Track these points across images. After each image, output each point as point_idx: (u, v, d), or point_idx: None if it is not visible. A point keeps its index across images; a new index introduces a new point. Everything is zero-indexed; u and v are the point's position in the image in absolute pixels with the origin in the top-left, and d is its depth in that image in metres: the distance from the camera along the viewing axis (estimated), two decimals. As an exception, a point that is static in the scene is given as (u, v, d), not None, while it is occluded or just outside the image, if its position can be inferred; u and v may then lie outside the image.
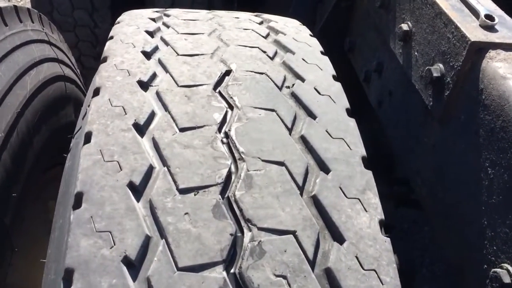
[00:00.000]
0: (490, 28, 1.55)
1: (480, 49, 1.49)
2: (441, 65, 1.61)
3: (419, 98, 1.69)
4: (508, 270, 1.29)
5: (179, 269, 0.74)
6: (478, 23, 1.54)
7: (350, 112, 1.01)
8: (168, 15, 1.33)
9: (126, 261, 0.74)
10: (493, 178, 1.39)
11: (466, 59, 1.49)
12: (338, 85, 1.07)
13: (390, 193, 2.27)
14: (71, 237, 0.76)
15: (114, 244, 0.75)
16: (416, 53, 1.80)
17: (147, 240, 0.77)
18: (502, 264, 1.32)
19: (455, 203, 1.55)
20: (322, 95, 1.01)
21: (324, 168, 0.88)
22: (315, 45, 1.22)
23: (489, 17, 1.55)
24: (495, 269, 1.31)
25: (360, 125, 0.96)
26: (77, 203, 0.80)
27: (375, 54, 2.19)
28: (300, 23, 1.39)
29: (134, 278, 0.73)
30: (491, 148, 1.41)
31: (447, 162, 1.61)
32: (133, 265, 0.74)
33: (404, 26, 1.84)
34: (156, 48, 1.12)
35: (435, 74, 1.60)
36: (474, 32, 1.49)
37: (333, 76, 1.10)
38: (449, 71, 1.56)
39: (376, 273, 0.78)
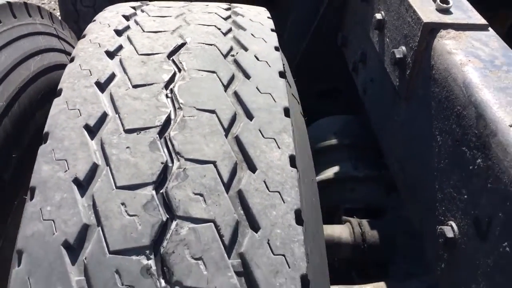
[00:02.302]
0: (445, 11, 1.69)
1: (433, 30, 1.63)
2: (403, 47, 1.75)
3: (390, 80, 1.84)
4: (451, 226, 1.41)
5: (117, 187, 0.93)
6: (435, 7, 1.68)
7: (284, 75, 1.18)
8: (147, 5, 1.54)
9: (76, 181, 0.94)
10: (441, 144, 1.53)
11: (421, 39, 1.63)
12: (277, 54, 1.24)
13: (378, 176, 2.38)
14: (36, 165, 0.97)
15: (68, 169, 0.95)
16: (387, 39, 1.95)
17: (95, 166, 0.96)
18: (448, 222, 1.45)
19: (417, 174, 1.68)
20: (260, 60, 1.19)
21: (249, 115, 1.06)
22: (268, 24, 1.39)
23: (444, 0, 1.69)
24: (441, 226, 1.44)
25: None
26: (44, 140, 1.01)
27: (360, 46, 2.34)
28: (265, 9, 1.57)
29: (82, 194, 0.93)
30: (439, 117, 1.54)
31: (412, 136, 1.75)
32: (82, 185, 0.94)
33: (378, 16, 2.00)
34: (127, 27, 1.32)
35: (397, 56, 1.75)
36: (428, 14, 1.64)
37: (275, 48, 1.27)
38: (409, 52, 1.70)
39: (280, 194, 0.94)
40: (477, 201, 1.30)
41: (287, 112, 1.08)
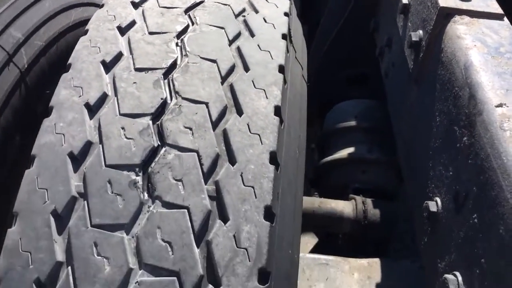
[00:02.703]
0: None
1: (448, 14, 1.68)
2: (420, 31, 1.81)
3: (407, 64, 1.89)
4: (436, 202, 1.48)
5: (120, 114, 1.08)
6: None
7: (286, 37, 1.29)
8: None
9: (87, 106, 1.10)
10: (438, 125, 1.59)
11: (436, 23, 1.68)
12: (284, 18, 1.34)
13: (391, 161, 2.43)
14: (56, 89, 1.13)
15: (82, 95, 1.11)
16: (409, 24, 2.00)
17: (105, 95, 1.11)
18: (435, 198, 1.52)
19: (417, 154, 1.75)
20: (267, 23, 1.30)
21: (246, 68, 1.18)
22: None
23: (465, -12, 1.73)
24: (427, 201, 1.51)
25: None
26: (66, 69, 1.17)
27: (388, 31, 2.39)
28: None
29: (90, 117, 1.09)
30: (440, 99, 1.60)
31: (417, 118, 1.81)
32: (91, 109, 1.09)
33: (404, 0, 2.05)
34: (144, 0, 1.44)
35: (414, 39, 1.80)
36: (446, 0, 1.69)
37: (285, 13, 1.38)
38: (425, 36, 1.76)
39: (260, 136, 1.06)
40: (459, 177, 1.36)
41: (281, 69, 1.19)
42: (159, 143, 1.04)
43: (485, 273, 1.13)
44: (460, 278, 1.25)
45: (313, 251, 2.53)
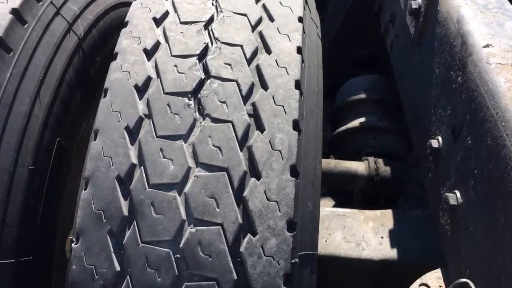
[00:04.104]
0: None
1: None
2: (419, 0, 2.05)
3: (409, 31, 2.11)
4: (438, 139, 1.70)
5: (172, 55, 1.34)
6: None
7: (301, 20, 1.50)
8: None
9: (145, 51, 1.36)
10: (437, 75, 1.82)
11: None
12: (299, 2, 1.56)
13: (401, 129, 2.64)
14: (118, 40, 1.39)
15: (140, 43, 1.37)
16: (411, -4, 2.23)
17: (158, 43, 1.38)
18: (437, 136, 1.73)
19: (420, 106, 1.97)
20: (284, 6, 1.53)
21: (271, 19, 1.43)
22: None
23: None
24: (430, 140, 1.73)
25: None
26: (124, 25, 1.44)
27: (391, 8, 2.63)
28: None
29: (148, 59, 1.35)
30: (438, 53, 1.83)
31: (420, 76, 2.03)
32: (148, 53, 1.36)
33: None
34: None
35: (414, 6, 2.03)
36: None
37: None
38: (423, 2, 1.99)
39: (286, 69, 1.31)
40: (456, 112, 1.59)
41: (300, 19, 1.44)
42: (205, 76, 1.29)
43: (478, 182, 1.35)
44: (458, 194, 1.46)
45: (331, 211, 2.73)
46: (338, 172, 2.45)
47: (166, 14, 1.44)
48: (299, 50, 1.35)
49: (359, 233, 2.26)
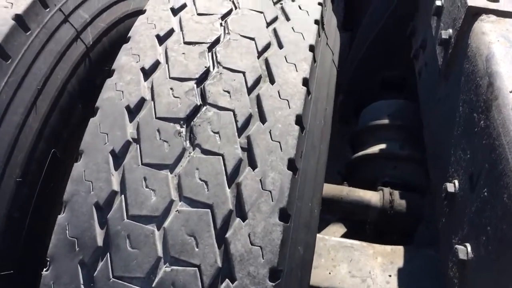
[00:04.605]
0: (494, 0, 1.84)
1: (476, 13, 1.79)
2: (450, 30, 1.92)
3: (437, 62, 2.00)
4: (454, 183, 1.59)
5: (170, 77, 1.27)
6: None
7: (318, 23, 1.44)
8: None
9: (143, 70, 1.30)
10: (461, 114, 1.70)
11: (464, 21, 1.80)
12: (318, 7, 1.50)
13: (422, 159, 2.51)
14: (117, 56, 1.33)
15: (139, 61, 1.31)
16: (441, 24, 2.12)
17: (157, 62, 1.31)
18: (454, 180, 1.62)
19: (441, 143, 1.85)
20: (302, 9, 1.46)
21: (280, 45, 1.34)
22: None
23: (495, -10, 1.84)
24: (446, 183, 1.62)
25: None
26: (126, 41, 1.38)
27: (423, 33, 2.50)
28: None
29: (145, 79, 1.29)
30: (464, 90, 1.71)
31: (444, 111, 1.92)
32: (146, 73, 1.29)
33: (438, 2, 2.17)
34: None
35: (444, 37, 1.92)
36: (475, 0, 1.80)
37: (319, 3, 1.54)
38: (454, 33, 1.87)
39: (288, 102, 1.22)
40: (475, 158, 1.47)
41: (312, 48, 1.35)
42: (201, 102, 1.22)
43: (490, 239, 1.23)
44: (469, 248, 1.35)
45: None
46: (351, 200, 2.35)
47: (170, 32, 1.38)
48: (305, 82, 1.26)
49: (366, 268, 2.16)
